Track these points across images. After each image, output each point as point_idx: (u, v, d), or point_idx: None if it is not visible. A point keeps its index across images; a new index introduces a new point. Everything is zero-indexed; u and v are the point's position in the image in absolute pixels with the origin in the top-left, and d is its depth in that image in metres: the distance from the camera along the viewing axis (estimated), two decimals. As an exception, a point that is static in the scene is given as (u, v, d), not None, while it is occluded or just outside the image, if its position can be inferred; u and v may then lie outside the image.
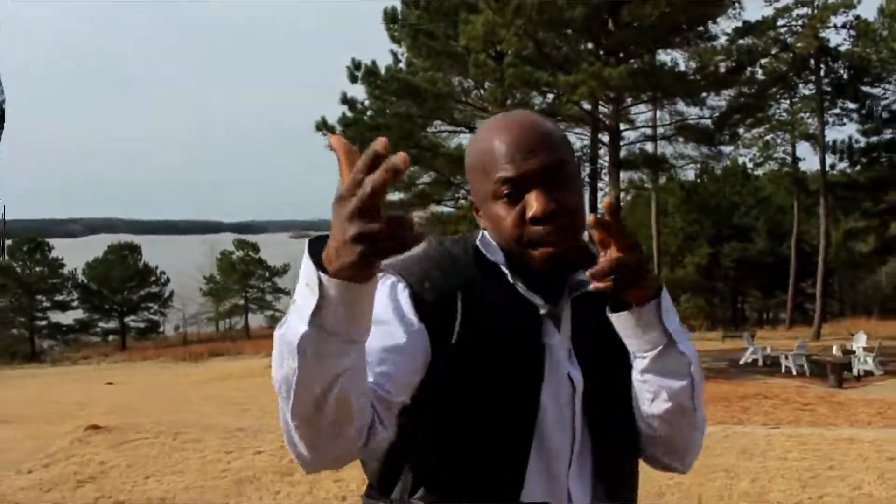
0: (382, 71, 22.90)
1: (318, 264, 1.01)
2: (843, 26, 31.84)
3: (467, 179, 1.44)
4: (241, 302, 55.05)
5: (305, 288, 1.02)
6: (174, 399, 16.64)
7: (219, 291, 55.16)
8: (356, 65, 22.50)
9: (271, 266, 56.06)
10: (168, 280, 53.76)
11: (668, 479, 6.95)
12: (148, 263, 53.18)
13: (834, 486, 6.75)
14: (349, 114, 24.23)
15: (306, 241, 1.06)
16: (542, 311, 1.36)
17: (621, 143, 22.33)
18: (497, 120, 1.39)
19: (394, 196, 27.10)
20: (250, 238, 60.04)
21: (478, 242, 1.41)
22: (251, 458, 7.82)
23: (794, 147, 37.82)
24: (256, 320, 55.08)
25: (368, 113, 24.37)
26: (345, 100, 23.65)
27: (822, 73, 32.55)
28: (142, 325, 53.03)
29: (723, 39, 23.23)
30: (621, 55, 20.72)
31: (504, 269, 1.37)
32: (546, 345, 1.35)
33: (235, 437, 9.16)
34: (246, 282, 54.69)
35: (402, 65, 24.93)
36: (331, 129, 23.78)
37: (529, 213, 1.29)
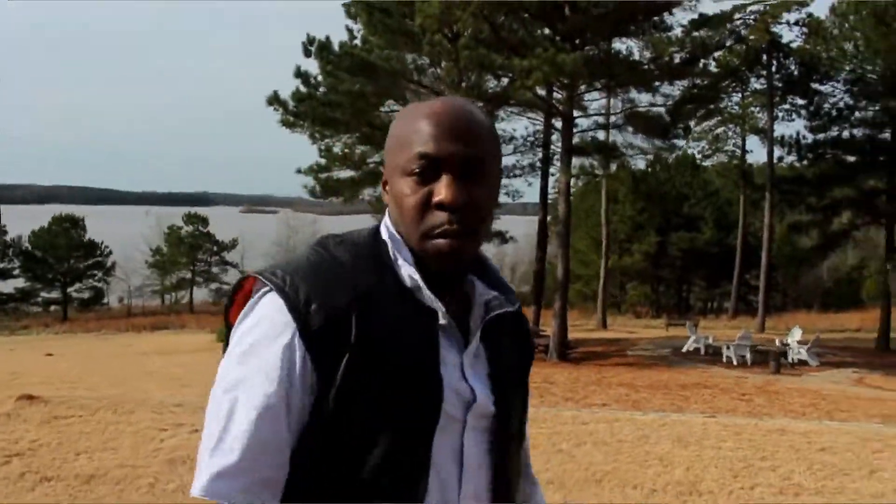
0: (336, 47, 22.66)
1: None
2: (796, 23, 32.39)
3: (384, 152, 1.34)
4: (188, 275, 54.44)
5: None
6: (113, 373, 16.34)
7: (165, 264, 54.46)
8: (310, 39, 22.23)
9: (220, 240, 55.50)
10: (111, 251, 52.72)
11: (605, 465, 7.02)
12: (92, 239, 51.95)
13: (765, 475, 6.87)
14: (303, 89, 24.00)
15: None
16: (442, 321, 1.24)
17: (574, 130, 22.39)
18: (435, 101, 1.30)
19: (345, 174, 27.03)
20: (201, 211, 59.01)
21: (384, 235, 1.29)
22: (187, 437, 7.69)
23: (743, 141, 38.47)
24: (202, 294, 54.45)
25: (321, 89, 24.14)
26: (298, 73, 23.42)
27: (773, 68, 33.04)
28: (85, 295, 51.98)
29: (678, 31, 23.40)
30: (577, 42, 20.72)
31: (408, 267, 1.25)
32: (443, 365, 1.23)
33: (172, 413, 9.02)
34: (193, 255, 54.08)
35: (357, 41, 24.67)
36: (283, 104, 23.52)
37: (437, 198, 1.21)
